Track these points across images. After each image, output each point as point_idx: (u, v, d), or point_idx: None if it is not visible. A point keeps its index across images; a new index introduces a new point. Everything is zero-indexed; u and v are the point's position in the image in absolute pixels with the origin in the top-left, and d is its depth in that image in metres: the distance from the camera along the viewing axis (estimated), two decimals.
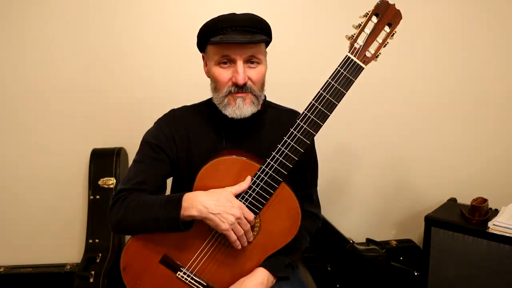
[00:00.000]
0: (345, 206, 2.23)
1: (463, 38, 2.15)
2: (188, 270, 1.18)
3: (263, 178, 1.11)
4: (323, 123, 1.10)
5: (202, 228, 1.16)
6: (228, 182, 1.14)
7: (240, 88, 1.16)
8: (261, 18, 1.19)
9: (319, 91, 1.09)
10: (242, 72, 1.14)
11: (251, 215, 1.11)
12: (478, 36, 2.16)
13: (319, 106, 1.09)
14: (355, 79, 1.08)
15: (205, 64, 1.25)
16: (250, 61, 1.17)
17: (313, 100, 1.09)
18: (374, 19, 1.06)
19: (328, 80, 1.08)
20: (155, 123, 1.29)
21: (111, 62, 1.95)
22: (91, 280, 1.71)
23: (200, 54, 1.28)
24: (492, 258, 1.78)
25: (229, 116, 1.19)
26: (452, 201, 2.14)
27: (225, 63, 1.16)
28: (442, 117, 2.21)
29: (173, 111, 1.32)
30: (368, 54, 1.08)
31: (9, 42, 1.88)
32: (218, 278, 1.19)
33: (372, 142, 2.19)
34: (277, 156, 1.10)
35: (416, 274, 2.01)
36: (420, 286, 2.00)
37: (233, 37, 1.12)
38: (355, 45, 1.07)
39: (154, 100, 1.98)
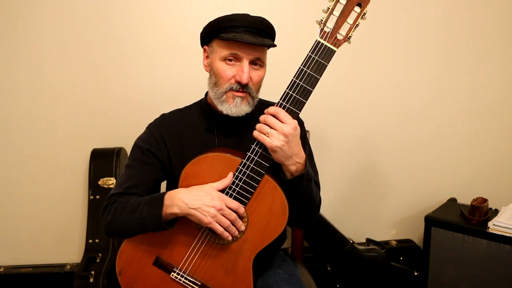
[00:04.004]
0: (345, 206, 2.23)
1: (467, 39, 2.15)
2: (181, 271, 1.19)
3: (245, 172, 1.11)
4: (300, 111, 1.09)
5: (191, 227, 1.16)
6: (211, 179, 1.14)
7: (242, 87, 1.17)
8: (271, 24, 1.22)
9: (292, 79, 1.09)
10: (247, 71, 1.16)
11: (234, 204, 1.11)
12: (480, 36, 2.16)
13: (294, 94, 1.08)
14: (328, 63, 1.07)
15: (206, 57, 1.26)
16: (254, 62, 1.19)
17: (287, 88, 1.09)
18: (343, 1, 1.05)
19: (300, 67, 1.08)
20: (146, 128, 1.31)
21: (111, 62, 1.95)
22: (91, 280, 1.71)
23: (199, 50, 1.29)
24: (492, 258, 1.78)
25: (224, 113, 1.20)
26: (452, 201, 2.14)
27: (230, 60, 1.17)
28: (443, 118, 2.21)
29: (163, 115, 1.33)
30: (339, 37, 1.07)
31: (8, 42, 1.88)
32: (211, 276, 1.19)
33: (372, 142, 2.19)
34: (257, 148, 1.10)
35: (416, 274, 2.01)
36: (420, 286, 2.00)
37: (246, 37, 1.13)
38: (325, 29, 1.07)
39: (154, 100, 1.98)
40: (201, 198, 1.09)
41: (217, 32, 1.17)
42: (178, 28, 1.97)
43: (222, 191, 1.13)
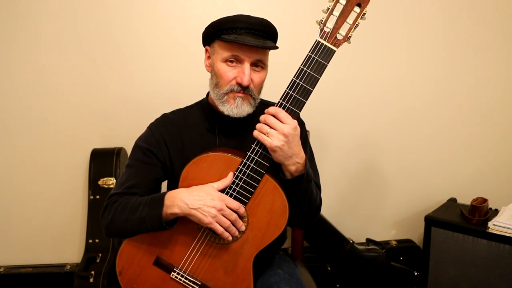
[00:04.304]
0: (345, 206, 2.23)
1: (467, 38, 2.15)
2: (182, 270, 1.19)
3: (245, 172, 1.11)
4: (300, 111, 1.10)
5: (191, 226, 1.16)
6: (211, 179, 1.14)
7: (242, 89, 1.17)
8: (273, 25, 1.21)
9: (292, 79, 1.09)
10: (248, 74, 1.16)
11: (235, 204, 1.11)
12: (480, 36, 2.16)
13: (294, 94, 1.08)
14: (328, 63, 1.08)
15: (207, 58, 1.26)
16: (255, 64, 1.18)
17: (287, 88, 1.09)
18: (342, 1, 1.06)
19: (300, 67, 1.08)
20: (147, 127, 1.31)
21: (111, 62, 1.95)
22: (91, 280, 1.71)
23: (199, 50, 1.29)
24: (492, 258, 1.78)
25: (225, 113, 1.20)
26: (452, 201, 2.14)
27: (231, 61, 1.17)
28: (443, 118, 2.21)
29: (164, 115, 1.34)
30: (339, 37, 1.07)
31: (8, 41, 1.88)
32: (211, 276, 1.19)
33: (372, 143, 2.19)
34: (257, 148, 1.10)
35: (416, 274, 2.01)
36: (420, 286, 2.00)
37: (248, 39, 1.13)
38: (325, 29, 1.07)
39: (155, 100, 1.98)
40: (202, 198, 1.09)
41: (219, 33, 1.17)
42: (178, 28, 1.96)
43: (223, 191, 1.13)
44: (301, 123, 1.34)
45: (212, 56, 1.23)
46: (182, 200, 1.10)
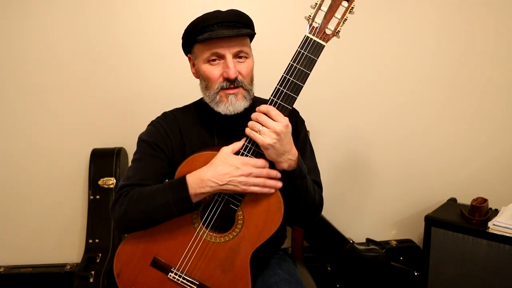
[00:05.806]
0: (345, 206, 2.23)
1: (465, 37, 2.14)
2: (179, 270, 1.19)
3: None
4: (291, 107, 1.10)
5: (187, 226, 1.16)
6: None
7: (232, 83, 1.17)
8: (245, 14, 1.22)
9: (282, 75, 1.09)
10: (232, 66, 1.16)
11: (260, 162, 1.10)
12: (480, 35, 2.15)
13: (285, 90, 1.09)
14: (317, 58, 1.08)
15: (192, 65, 1.27)
16: (238, 56, 1.18)
17: (277, 85, 1.09)
18: None
19: (290, 63, 1.09)
20: (148, 125, 1.31)
21: (111, 62, 1.95)
22: (91, 280, 1.71)
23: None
24: (492, 258, 1.78)
25: (222, 113, 1.20)
26: (452, 201, 2.14)
27: (214, 60, 1.17)
28: (443, 117, 2.21)
29: (165, 113, 1.34)
30: (328, 32, 1.08)
31: (8, 41, 1.88)
32: (209, 275, 1.19)
33: (372, 142, 2.19)
34: (249, 145, 1.11)
35: (416, 274, 2.01)
36: (420, 286, 2.00)
37: (222, 32, 1.14)
38: (314, 24, 1.08)
39: (155, 100, 1.98)
40: (228, 172, 1.08)
41: (194, 36, 1.18)
42: (178, 28, 1.95)
43: (237, 153, 1.12)
44: (301, 122, 1.34)
45: (195, 62, 1.23)
46: (211, 180, 1.08)
